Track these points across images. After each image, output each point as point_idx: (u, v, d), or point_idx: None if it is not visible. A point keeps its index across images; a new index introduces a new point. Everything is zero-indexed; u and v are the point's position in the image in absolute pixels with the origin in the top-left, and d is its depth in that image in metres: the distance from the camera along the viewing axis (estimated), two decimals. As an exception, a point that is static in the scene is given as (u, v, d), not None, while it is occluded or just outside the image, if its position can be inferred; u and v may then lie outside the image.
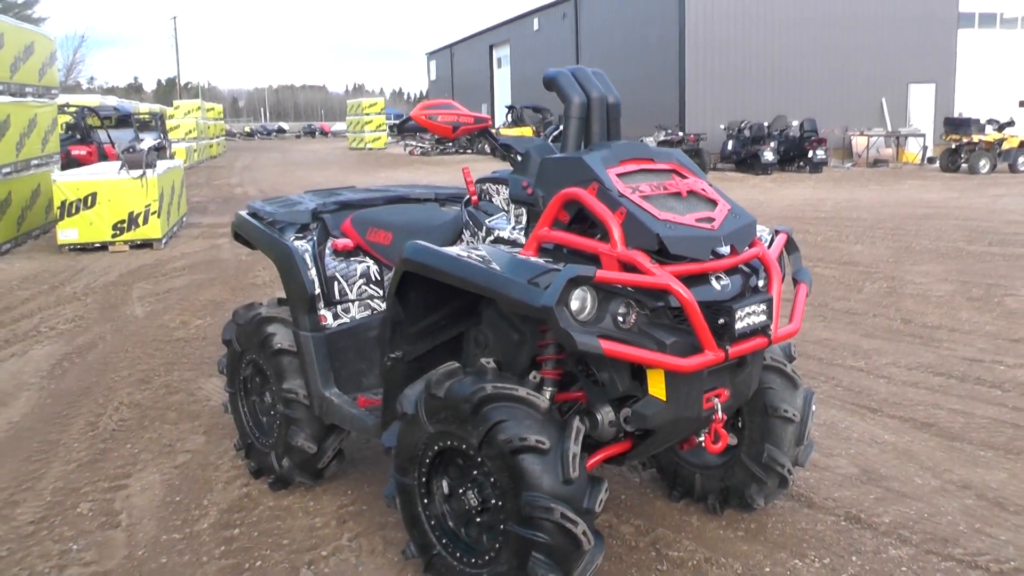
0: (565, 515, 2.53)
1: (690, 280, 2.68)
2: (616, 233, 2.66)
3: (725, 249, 2.84)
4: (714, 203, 2.92)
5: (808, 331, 6.54)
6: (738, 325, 2.70)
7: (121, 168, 11.58)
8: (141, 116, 25.82)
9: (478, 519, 2.84)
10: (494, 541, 2.76)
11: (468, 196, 3.39)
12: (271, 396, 3.89)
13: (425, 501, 2.95)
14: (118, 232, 11.32)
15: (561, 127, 3.16)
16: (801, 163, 24.12)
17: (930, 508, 3.63)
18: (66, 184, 11.18)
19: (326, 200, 3.99)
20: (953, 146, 23.47)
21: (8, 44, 11.93)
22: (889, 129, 27.54)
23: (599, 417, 2.98)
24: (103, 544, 3.46)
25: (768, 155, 22.99)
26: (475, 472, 2.80)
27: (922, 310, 7.25)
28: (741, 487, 3.45)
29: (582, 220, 2.85)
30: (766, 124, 24.61)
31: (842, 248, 10.66)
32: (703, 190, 2.96)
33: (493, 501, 2.75)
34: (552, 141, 3.22)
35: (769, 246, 3.05)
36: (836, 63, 27.45)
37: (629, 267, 2.63)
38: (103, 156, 17.33)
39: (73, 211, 11.18)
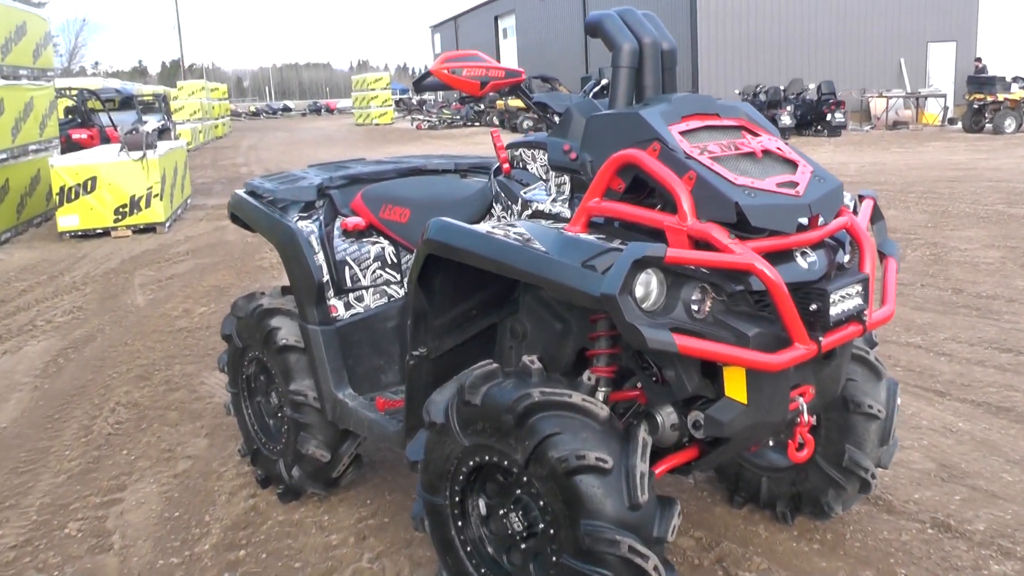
0: (633, 548, 2.09)
1: (773, 258, 2.22)
2: (685, 203, 2.19)
3: (803, 220, 2.38)
4: (794, 165, 2.46)
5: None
6: (832, 311, 2.25)
7: (121, 150, 11.15)
8: (144, 99, 25.37)
9: (523, 545, 2.42)
10: (545, 571, 2.33)
11: (498, 164, 2.94)
12: (278, 397, 3.47)
13: (459, 524, 2.53)
14: (120, 217, 10.90)
15: (602, 81, 2.69)
16: (819, 127, 23.45)
17: (1027, 510, 3.20)
18: (64, 169, 10.73)
19: (333, 175, 3.53)
20: (976, 106, 22.69)
21: (-3, 24, 11.45)
22: (908, 90, 26.81)
23: (659, 419, 2.54)
24: (93, 571, 3.06)
25: (785, 119, 22.25)
26: (520, 492, 2.37)
27: (973, 279, 6.77)
28: (816, 493, 3.01)
29: (638, 189, 2.40)
30: (782, 88, 23.96)
31: (875, 214, 10.13)
32: (779, 149, 2.50)
33: (542, 527, 2.32)
34: (593, 98, 2.76)
35: (855, 214, 2.59)
36: (851, 23, 26.71)
37: (701, 244, 2.18)
38: (105, 139, 16.74)
39: (73, 196, 10.74)
